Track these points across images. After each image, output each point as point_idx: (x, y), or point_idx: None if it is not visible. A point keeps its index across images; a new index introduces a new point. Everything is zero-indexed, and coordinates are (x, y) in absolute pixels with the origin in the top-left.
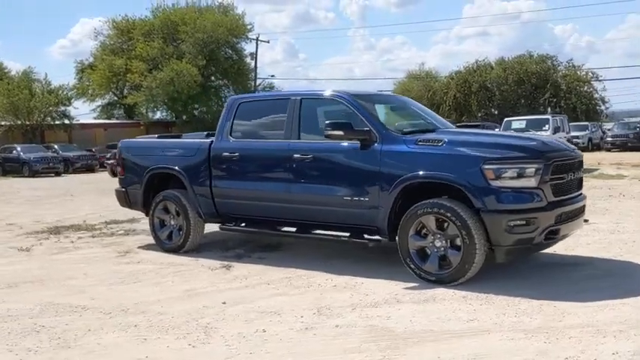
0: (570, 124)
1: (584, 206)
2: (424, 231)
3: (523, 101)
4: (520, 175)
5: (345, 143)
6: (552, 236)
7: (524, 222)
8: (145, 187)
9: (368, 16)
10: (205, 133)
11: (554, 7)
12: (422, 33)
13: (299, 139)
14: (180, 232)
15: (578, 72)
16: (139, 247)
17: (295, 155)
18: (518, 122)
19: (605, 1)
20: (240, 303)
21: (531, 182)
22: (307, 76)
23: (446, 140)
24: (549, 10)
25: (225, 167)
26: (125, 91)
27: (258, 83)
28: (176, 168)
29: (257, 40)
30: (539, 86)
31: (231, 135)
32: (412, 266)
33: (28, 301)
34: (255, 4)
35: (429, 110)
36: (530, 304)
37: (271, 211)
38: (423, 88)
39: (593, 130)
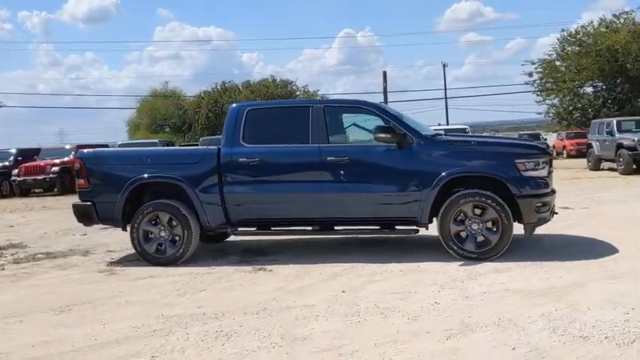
0: None
1: None
2: (460, 217)
3: None
4: (537, 167)
5: (380, 145)
6: (554, 214)
7: (542, 203)
8: (126, 199)
9: (52, 30)
10: None
11: (242, 39)
12: (114, 52)
13: (328, 143)
14: (177, 244)
15: (314, 97)
16: (111, 266)
17: (329, 158)
18: None
19: (288, 37)
20: (355, 292)
21: (544, 172)
22: None
23: (475, 142)
24: (238, 40)
25: (242, 173)
26: None
27: None
28: (176, 176)
29: None
30: None
31: (243, 141)
32: (455, 248)
33: (133, 319)
34: None
35: None
36: (577, 263)
37: (299, 212)
38: (172, 106)
39: None
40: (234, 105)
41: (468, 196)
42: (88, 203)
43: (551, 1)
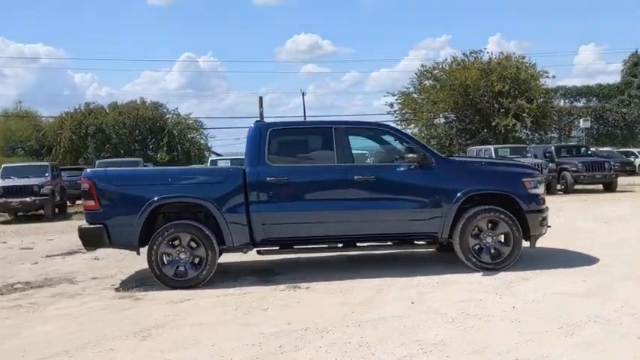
0: None
1: None
2: (475, 232)
3: (137, 145)
4: (538, 186)
5: (402, 165)
6: (548, 227)
7: (543, 218)
8: (145, 221)
9: None
10: None
11: (74, 57)
12: None
13: (353, 162)
14: (198, 266)
15: (187, 120)
16: (124, 291)
17: (356, 177)
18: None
19: (123, 58)
20: (421, 302)
21: (541, 190)
22: None
23: (484, 162)
24: (70, 59)
25: (269, 192)
26: None
27: None
28: (202, 197)
29: None
30: (155, 131)
31: (268, 160)
32: (474, 260)
33: (238, 339)
34: None
35: None
36: (582, 270)
37: (326, 230)
38: (29, 127)
39: None
40: (253, 125)
41: (484, 212)
42: (99, 226)
43: (381, 39)
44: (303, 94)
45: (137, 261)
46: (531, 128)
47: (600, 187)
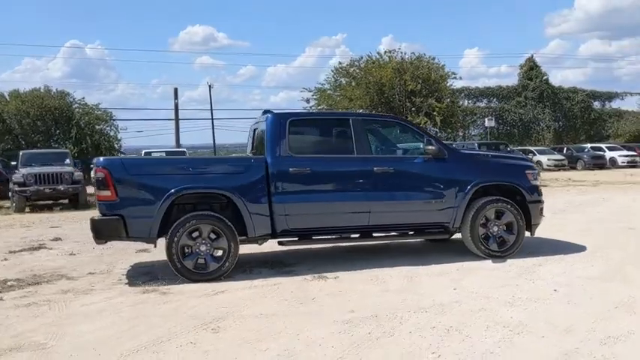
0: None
1: None
2: (483, 221)
3: (41, 137)
4: (536, 178)
5: (418, 157)
6: (543, 216)
7: (542, 208)
8: (165, 213)
9: None
10: None
11: None
12: None
13: (372, 154)
14: (221, 258)
15: (96, 111)
16: (145, 286)
17: (375, 168)
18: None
19: (5, 43)
20: (461, 289)
21: (537, 182)
22: None
23: (490, 155)
24: None
25: (292, 183)
26: None
27: None
28: (226, 187)
29: None
30: (60, 122)
31: (290, 151)
32: (483, 248)
33: (319, 328)
34: None
35: None
36: (580, 256)
37: (345, 220)
38: None
39: None
40: (270, 115)
41: (493, 202)
42: (116, 217)
43: (278, 34)
44: (209, 86)
45: (120, 255)
46: (440, 127)
47: None
